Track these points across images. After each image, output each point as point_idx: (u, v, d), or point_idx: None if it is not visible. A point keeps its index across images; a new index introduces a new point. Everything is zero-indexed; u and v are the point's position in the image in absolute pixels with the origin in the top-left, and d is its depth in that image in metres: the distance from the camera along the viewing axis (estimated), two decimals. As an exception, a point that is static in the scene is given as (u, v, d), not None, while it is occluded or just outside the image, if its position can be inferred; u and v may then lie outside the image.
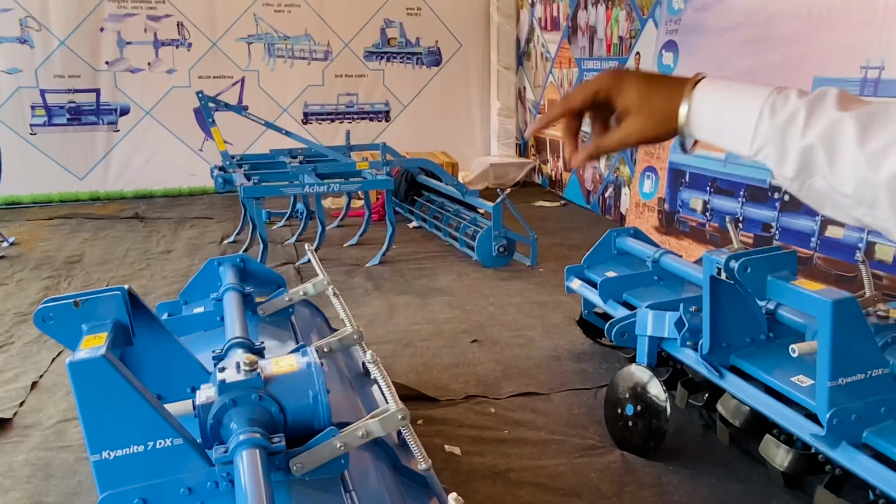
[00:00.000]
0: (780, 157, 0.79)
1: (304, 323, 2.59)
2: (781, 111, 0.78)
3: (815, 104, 0.77)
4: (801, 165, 0.77)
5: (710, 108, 0.85)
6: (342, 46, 8.02)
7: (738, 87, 0.85)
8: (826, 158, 0.74)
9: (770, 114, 0.79)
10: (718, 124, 0.84)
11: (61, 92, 7.23)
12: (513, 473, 2.40)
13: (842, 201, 0.75)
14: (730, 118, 0.83)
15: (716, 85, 0.86)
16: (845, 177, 0.73)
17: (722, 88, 0.85)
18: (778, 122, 0.78)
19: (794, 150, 0.77)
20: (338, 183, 4.84)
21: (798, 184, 0.79)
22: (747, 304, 2.28)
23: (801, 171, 0.78)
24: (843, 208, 0.76)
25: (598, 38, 6.55)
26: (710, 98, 0.85)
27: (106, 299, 1.58)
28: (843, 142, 0.73)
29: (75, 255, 5.35)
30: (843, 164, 0.73)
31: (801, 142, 0.76)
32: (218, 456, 1.37)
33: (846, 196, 0.74)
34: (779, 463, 2.15)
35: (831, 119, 0.75)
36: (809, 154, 0.76)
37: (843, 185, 0.74)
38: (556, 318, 3.86)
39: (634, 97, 0.89)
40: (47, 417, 2.82)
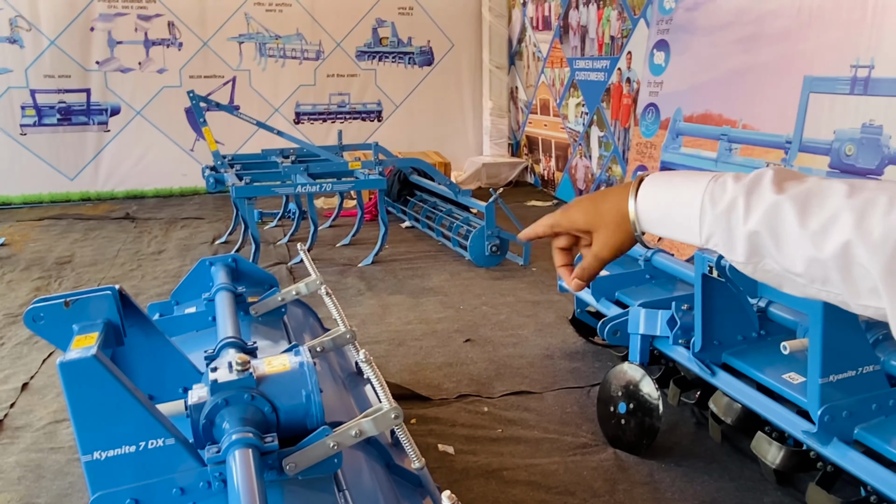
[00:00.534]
0: (728, 244, 0.81)
1: (296, 323, 2.58)
2: (720, 200, 0.81)
3: (752, 189, 0.79)
4: (749, 250, 0.79)
5: (655, 205, 0.89)
6: (334, 46, 8.01)
7: (677, 182, 0.88)
8: (772, 242, 0.76)
9: (711, 204, 0.81)
10: (666, 220, 0.88)
11: (51, 92, 7.19)
12: (506, 472, 2.40)
13: (796, 280, 0.77)
14: (675, 213, 0.86)
15: (656, 182, 0.90)
16: (794, 258, 0.75)
17: (662, 185, 0.89)
18: (719, 211, 0.80)
19: (741, 237, 0.79)
20: (330, 183, 4.84)
21: (751, 267, 0.81)
22: (739, 302, 2.29)
23: (751, 256, 0.79)
24: (799, 286, 0.77)
25: (590, 37, 6.56)
26: (653, 196, 0.89)
27: (97, 299, 1.57)
28: (784, 224, 0.75)
29: (66, 255, 5.32)
30: (789, 246, 0.75)
31: (744, 228, 0.78)
32: (210, 456, 1.36)
33: (798, 275, 0.76)
34: (770, 460, 2.16)
35: (769, 203, 0.76)
36: (756, 238, 0.77)
37: (793, 265, 0.75)
38: (549, 317, 3.87)
39: (587, 219, 0.96)
40: (38, 419, 2.80)
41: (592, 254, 0.98)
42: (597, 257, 0.97)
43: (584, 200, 0.98)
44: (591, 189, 6.68)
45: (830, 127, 3.62)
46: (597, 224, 0.95)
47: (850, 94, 3.50)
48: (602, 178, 6.48)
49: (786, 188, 0.77)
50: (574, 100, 6.99)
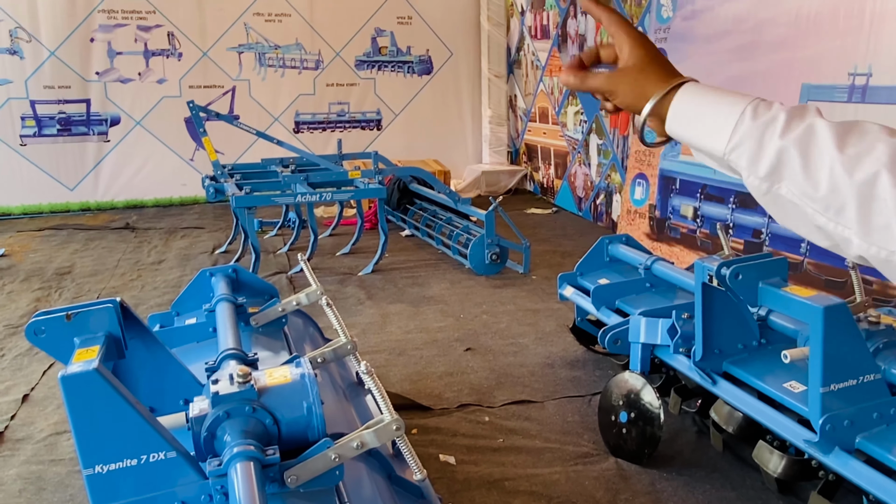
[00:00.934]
0: (754, 155, 0.80)
1: (297, 333, 2.59)
2: (764, 114, 0.81)
3: (796, 111, 0.80)
4: (773, 165, 0.79)
5: (691, 104, 0.87)
6: (333, 55, 8.04)
7: (724, 91, 0.87)
8: (801, 161, 0.76)
9: (752, 115, 0.81)
10: (697, 120, 0.86)
11: (51, 103, 7.21)
12: (508, 482, 2.40)
13: (808, 207, 0.77)
14: (711, 115, 0.85)
15: (703, 87, 0.89)
16: (819, 179, 0.75)
17: (704, 91, 0.88)
18: (758, 123, 0.80)
19: (771, 149, 0.79)
20: (330, 192, 4.84)
21: (767, 185, 0.80)
22: (739, 311, 2.29)
23: (772, 172, 0.79)
24: (807, 216, 0.77)
25: (588, 45, 6.58)
26: (694, 96, 0.88)
27: (98, 312, 1.57)
28: (820, 144, 0.76)
29: (66, 266, 5.32)
30: (819, 166, 0.75)
31: (778, 142, 0.78)
32: (212, 469, 1.36)
33: (815, 200, 0.76)
34: (772, 469, 2.16)
35: (810, 124, 0.77)
36: (784, 154, 0.78)
37: (814, 188, 0.75)
38: (550, 325, 3.87)
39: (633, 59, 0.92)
40: (38, 430, 2.80)
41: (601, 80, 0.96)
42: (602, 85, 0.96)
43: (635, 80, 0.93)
44: (591, 197, 6.68)
45: (829, 134, 3.62)
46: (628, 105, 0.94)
47: (848, 101, 3.51)
48: (601, 186, 6.49)
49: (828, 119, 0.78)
50: (573, 108, 7.00)
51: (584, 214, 6.89)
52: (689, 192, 4.74)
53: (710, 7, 4.58)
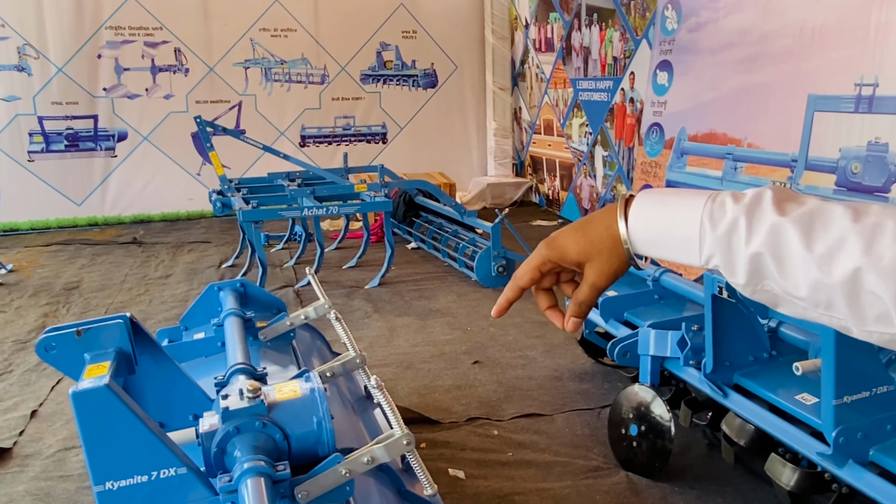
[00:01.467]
0: (729, 266, 0.78)
1: (304, 347, 2.58)
2: (721, 221, 0.78)
3: (753, 210, 0.77)
4: (751, 272, 0.76)
5: (647, 226, 0.85)
6: (339, 70, 8.08)
7: (670, 201, 0.84)
8: (775, 264, 0.74)
9: (711, 225, 0.78)
10: (662, 241, 0.84)
11: (59, 119, 7.26)
12: (518, 497, 2.38)
13: (797, 303, 0.75)
14: (672, 234, 0.82)
15: (646, 202, 0.85)
16: (798, 281, 0.73)
17: (654, 205, 0.84)
18: (720, 233, 0.78)
19: (742, 259, 0.76)
20: (336, 205, 4.85)
21: (751, 289, 0.78)
22: (749, 322, 2.28)
23: (752, 277, 0.77)
24: (799, 309, 0.76)
25: (593, 58, 6.61)
26: (645, 218, 0.85)
27: (108, 328, 1.57)
28: (788, 247, 0.73)
29: (74, 281, 5.34)
30: (793, 269, 0.73)
31: (746, 250, 0.76)
32: (222, 485, 1.35)
33: (801, 299, 0.74)
34: (785, 482, 2.14)
35: (771, 224, 0.75)
36: (758, 260, 0.75)
37: (796, 289, 0.73)
38: (557, 337, 3.85)
39: (578, 248, 0.89)
40: (47, 446, 2.80)
41: (588, 284, 0.90)
42: (593, 287, 0.90)
43: (568, 232, 0.91)
44: (597, 208, 6.68)
45: (836, 145, 3.62)
46: (589, 253, 0.89)
47: (855, 112, 3.51)
48: (607, 198, 6.49)
49: (787, 210, 0.75)
50: (578, 120, 7.02)
51: (590, 226, 6.87)
52: (695, 204, 4.73)
53: (714, 19, 4.59)
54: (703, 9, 4.69)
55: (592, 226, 0.89)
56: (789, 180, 3.90)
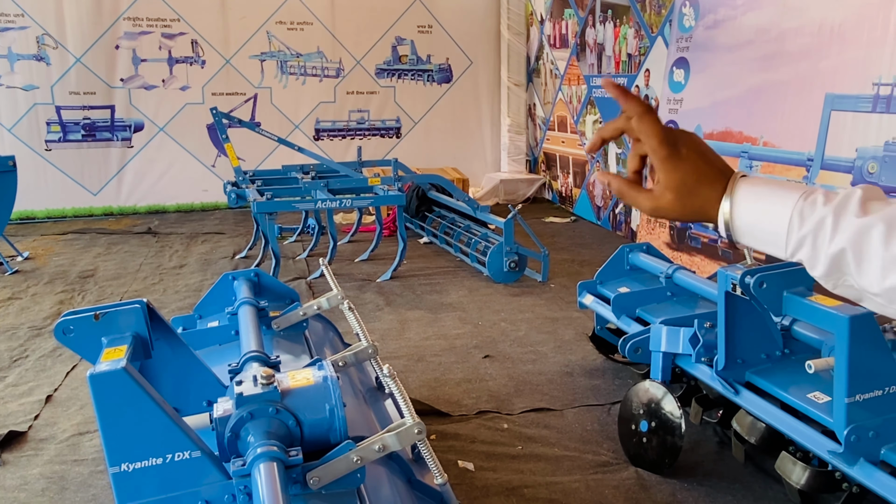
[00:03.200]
0: (811, 260, 0.83)
1: (317, 337, 2.60)
2: (809, 218, 0.82)
3: (840, 210, 0.81)
4: (831, 268, 0.81)
5: (746, 217, 0.89)
6: (354, 64, 8.09)
7: (767, 194, 0.88)
8: (855, 262, 0.78)
9: (799, 222, 0.83)
10: (754, 232, 0.88)
11: (76, 108, 7.32)
12: (527, 490, 2.39)
13: (874, 299, 0.79)
14: (764, 226, 0.87)
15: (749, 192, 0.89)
16: (873, 279, 0.77)
17: (753, 196, 0.88)
18: (807, 230, 0.82)
19: (824, 256, 0.81)
20: (350, 198, 4.87)
21: (832, 283, 0.83)
22: (762, 320, 2.27)
23: (832, 273, 0.81)
24: (877, 305, 0.80)
25: (607, 55, 6.58)
26: (744, 207, 0.89)
27: (126, 312, 1.59)
28: (870, 246, 0.77)
29: (89, 269, 5.39)
30: (870, 268, 0.77)
31: (829, 248, 0.80)
32: (236, 469, 1.37)
33: (876, 295, 0.78)
34: (795, 480, 2.13)
35: (857, 225, 0.78)
36: (839, 258, 0.80)
37: (871, 286, 0.78)
38: (568, 333, 3.86)
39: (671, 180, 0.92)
40: (62, 431, 2.83)
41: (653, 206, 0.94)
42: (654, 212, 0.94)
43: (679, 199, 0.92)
44: (609, 206, 6.66)
45: (853, 145, 3.59)
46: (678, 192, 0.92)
47: (873, 111, 3.48)
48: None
49: (872, 209, 0.79)
50: (591, 116, 7.00)
51: (602, 223, 6.87)
52: (709, 202, 4.71)
53: (732, 17, 4.56)
54: (720, 6, 4.66)
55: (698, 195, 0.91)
56: (804, 179, 3.87)
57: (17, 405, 3.08)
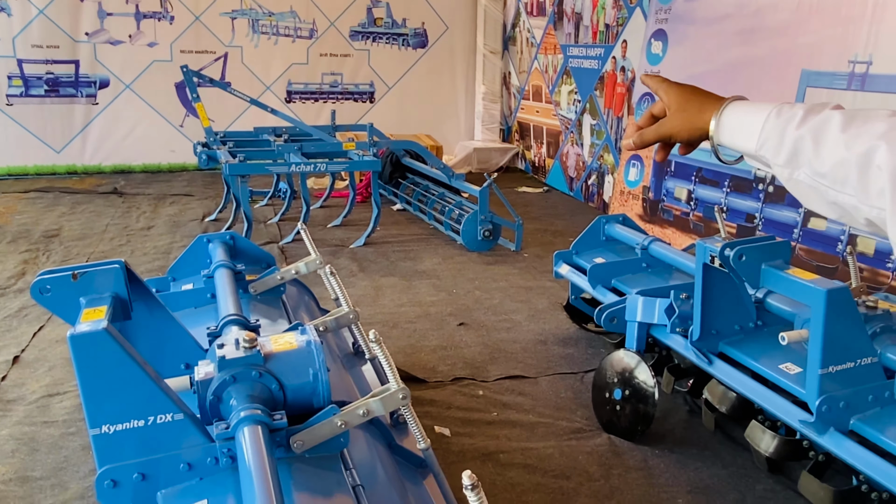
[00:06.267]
0: (777, 146, 0.94)
1: (293, 302, 2.58)
2: (786, 112, 0.95)
3: (815, 107, 0.93)
4: (791, 152, 0.92)
5: (732, 117, 1.04)
6: (328, 25, 7.93)
7: (758, 103, 1.02)
8: (812, 145, 0.89)
9: (777, 115, 0.96)
10: (736, 127, 1.03)
11: (39, 62, 7.07)
12: (502, 455, 2.42)
13: (820, 184, 0.89)
14: (745, 122, 1.01)
15: (742, 102, 1.05)
16: (825, 158, 0.87)
17: (746, 104, 1.04)
18: (781, 120, 0.95)
19: (789, 140, 0.92)
20: (324, 163, 4.80)
21: (788, 171, 0.93)
22: (738, 293, 2.31)
23: (791, 158, 0.92)
24: (822, 191, 0.89)
25: (584, 24, 6.55)
26: (733, 111, 1.04)
27: (104, 272, 1.55)
28: (828, 129, 0.88)
29: (53, 228, 5.26)
30: (826, 146, 0.88)
31: (795, 133, 0.91)
32: (219, 432, 1.35)
33: (825, 176, 0.88)
34: (764, 448, 2.19)
35: (823, 115, 0.90)
36: (800, 142, 0.91)
37: (822, 165, 0.88)
38: (542, 303, 3.88)
39: (674, 101, 1.11)
40: (30, 392, 2.78)
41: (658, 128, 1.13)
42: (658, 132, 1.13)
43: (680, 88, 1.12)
44: (582, 177, 6.69)
45: (826, 121, 3.64)
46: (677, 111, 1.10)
47: (847, 89, 3.53)
48: (594, 167, 6.49)
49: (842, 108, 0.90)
50: (567, 87, 6.98)
51: (575, 194, 6.90)
52: (684, 175, 4.76)
53: (712, -11, 4.56)
54: (701, -22, 4.65)
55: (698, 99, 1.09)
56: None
57: (-18, 366, 3.01)
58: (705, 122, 1.06)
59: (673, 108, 1.10)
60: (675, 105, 1.10)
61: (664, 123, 1.12)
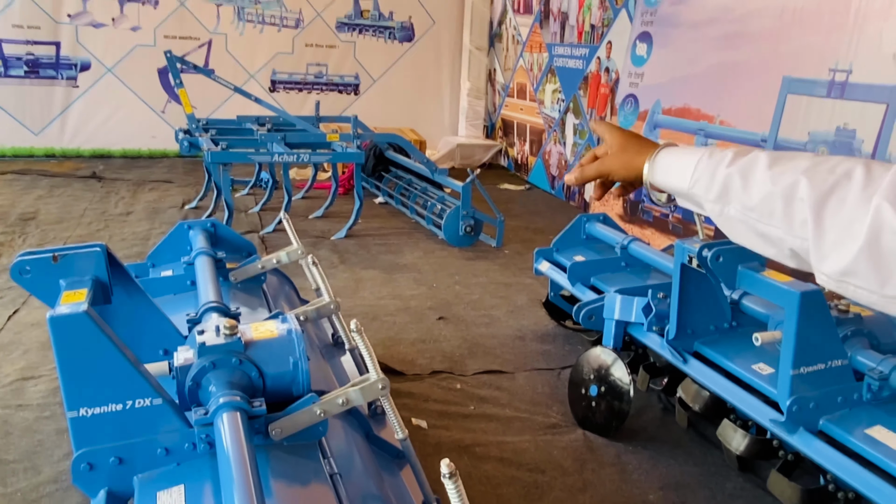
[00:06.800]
0: (708, 184, 1.01)
1: (273, 291, 2.58)
2: (717, 155, 1.03)
3: (743, 150, 1.00)
4: (721, 189, 0.99)
5: (665, 160, 1.13)
6: (314, 15, 7.89)
7: (690, 148, 1.11)
8: (741, 181, 0.96)
9: (708, 157, 1.04)
10: (668, 169, 1.12)
11: (19, 42, 6.96)
12: (478, 448, 2.44)
13: (748, 219, 0.95)
14: (677, 164, 1.09)
15: (674, 147, 1.14)
16: (753, 192, 0.94)
17: (678, 149, 1.13)
18: (712, 161, 1.03)
19: (719, 177, 0.99)
20: (307, 153, 4.78)
21: (718, 207, 1.00)
22: (714, 293, 2.34)
23: (721, 195, 0.99)
24: (751, 224, 0.95)
25: (570, 24, 6.58)
26: (667, 154, 1.13)
27: (85, 255, 1.54)
28: (756, 166, 0.95)
29: (30, 211, 5.19)
30: (754, 182, 0.94)
31: (725, 171, 0.99)
32: (198, 417, 1.36)
33: (752, 210, 0.94)
34: (735, 447, 2.23)
35: (751, 155, 0.98)
36: (729, 180, 0.98)
37: (751, 199, 0.94)
38: (521, 299, 3.91)
39: (615, 144, 1.23)
40: (4, 375, 2.75)
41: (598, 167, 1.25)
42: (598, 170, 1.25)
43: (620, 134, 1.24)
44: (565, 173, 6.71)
45: (805, 128, 3.70)
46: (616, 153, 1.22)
47: (827, 97, 3.58)
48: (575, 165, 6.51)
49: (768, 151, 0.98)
50: (551, 86, 7.01)
51: (556, 193, 6.94)
52: (664, 177, 4.79)
53: (698, -7, 4.60)
54: (687, -18, 4.70)
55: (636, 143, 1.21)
56: (757, 160, 3.97)
57: (-46, 348, 2.97)
58: (640, 164, 1.16)
59: (614, 149, 1.22)
60: (616, 147, 1.22)
61: (604, 162, 1.23)
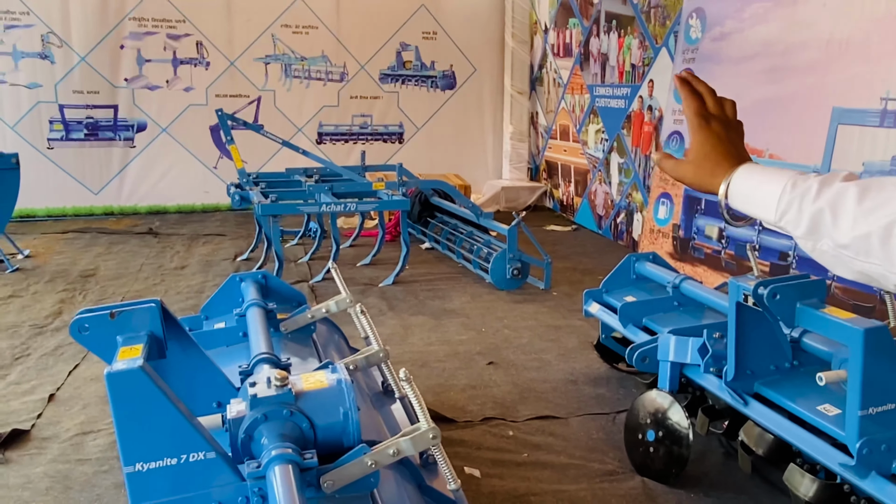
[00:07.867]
0: (796, 220, 0.96)
1: (323, 340, 2.59)
2: (800, 186, 0.97)
3: (827, 179, 0.96)
4: (811, 225, 0.94)
5: (744, 186, 1.05)
6: (358, 68, 8.10)
7: (769, 171, 1.05)
8: (831, 218, 0.92)
9: (791, 188, 0.98)
10: (749, 196, 1.05)
11: (80, 107, 7.31)
12: (534, 497, 2.38)
13: (844, 255, 0.91)
14: (759, 192, 1.03)
15: (752, 167, 1.07)
16: (845, 230, 0.90)
17: (754, 172, 1.06)
18: (796, 194, 0.97)
19: (807, 213, 0.95)
20: (354, 202, 4.86)
21: (811, 244, 0.96)
22: (772, 331, 2.27)
23: (811, 231, 0.95)
24: (846, 262, 0.91)
25: (610, 64, 6.60)
26: (745, 179, 1.06)
27: (141, 311, 1.58)
28: (845, 203, 0.91)
29: (90, 268, 5.37)
30: (844, 219, 0.90)
31: (812, 206, 0.94)
32: (250, 471, 1.36)
33: (846, 248, 0.90)
34: (804, 493, 2.13)
35: (837, 188, 0.93)
36: (819, 216, 0.93)
37: (843, 237, 0.90)
38: (572, 341, 3.85)
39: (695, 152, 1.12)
40: (65, 430, 2.81)
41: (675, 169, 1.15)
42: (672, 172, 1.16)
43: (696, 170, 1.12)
44: (611, 215, 6.67)
45: (859, 159, 3.61)
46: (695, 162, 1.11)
47: (881, 126, 3.49)
48: (622, 205, 6.48)
49: (853, 179, 0.94)
50: (594, 126, 7.01)
51: (603, 233, 6.88)
52: (714, 213, 4.72)
53: (739, 29, 4.58)
54: (727, 19, 4.69)
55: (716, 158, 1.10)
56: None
57: (19, 403, 3.06)
58: (715, 185, 1.08)
59: (691, 156, 1.12)
60: (694, 156, 1.12)
61: (681, 166, 1.14)
